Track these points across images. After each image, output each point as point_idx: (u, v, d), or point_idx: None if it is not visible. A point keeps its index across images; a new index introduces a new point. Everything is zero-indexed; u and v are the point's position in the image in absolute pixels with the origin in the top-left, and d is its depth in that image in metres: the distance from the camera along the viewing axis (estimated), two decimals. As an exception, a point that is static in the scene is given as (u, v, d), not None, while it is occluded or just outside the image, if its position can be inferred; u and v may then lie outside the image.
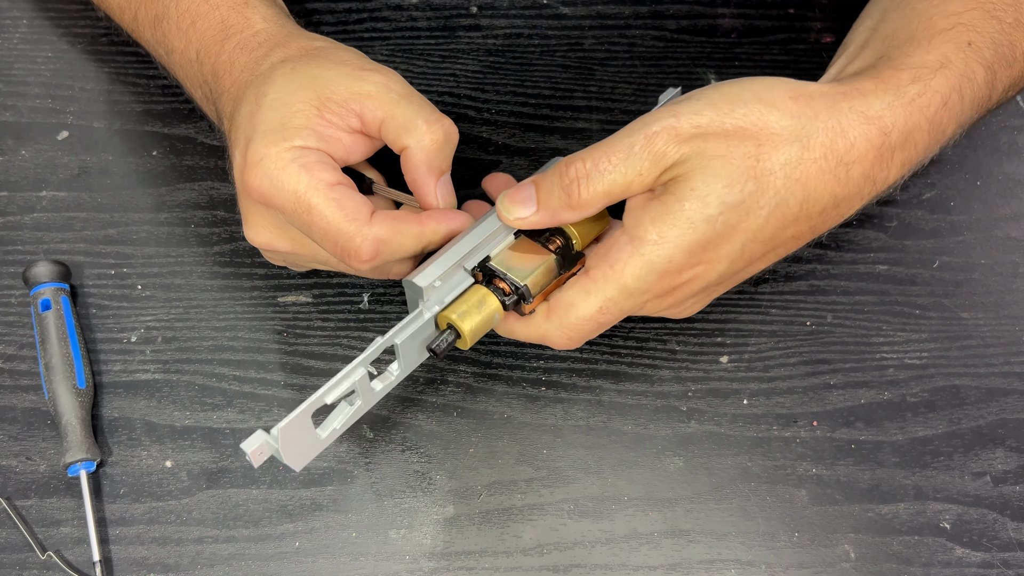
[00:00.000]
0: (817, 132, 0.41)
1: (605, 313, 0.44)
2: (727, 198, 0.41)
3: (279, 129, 0.43)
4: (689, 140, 0.41)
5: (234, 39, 0.49)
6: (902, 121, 0.43)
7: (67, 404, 0.49)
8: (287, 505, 0.49)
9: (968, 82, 0.45)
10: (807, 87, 0.43)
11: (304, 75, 0.45)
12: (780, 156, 0.41)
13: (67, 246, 0.56)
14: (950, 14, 0.46)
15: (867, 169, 0.43)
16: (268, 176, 0.43)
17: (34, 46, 0.62)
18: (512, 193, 0.44)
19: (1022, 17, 0.47)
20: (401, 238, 0.44)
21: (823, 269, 0.56)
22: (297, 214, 0.43)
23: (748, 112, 0.41)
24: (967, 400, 0.52)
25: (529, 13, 0.65)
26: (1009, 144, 0.60)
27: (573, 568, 0.48)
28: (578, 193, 0.42)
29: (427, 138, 0.45)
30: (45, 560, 0.47)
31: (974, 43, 0.45)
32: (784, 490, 0.50)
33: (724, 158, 0.40)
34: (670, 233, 0.41)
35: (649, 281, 0.42)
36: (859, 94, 0.42)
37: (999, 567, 0.48)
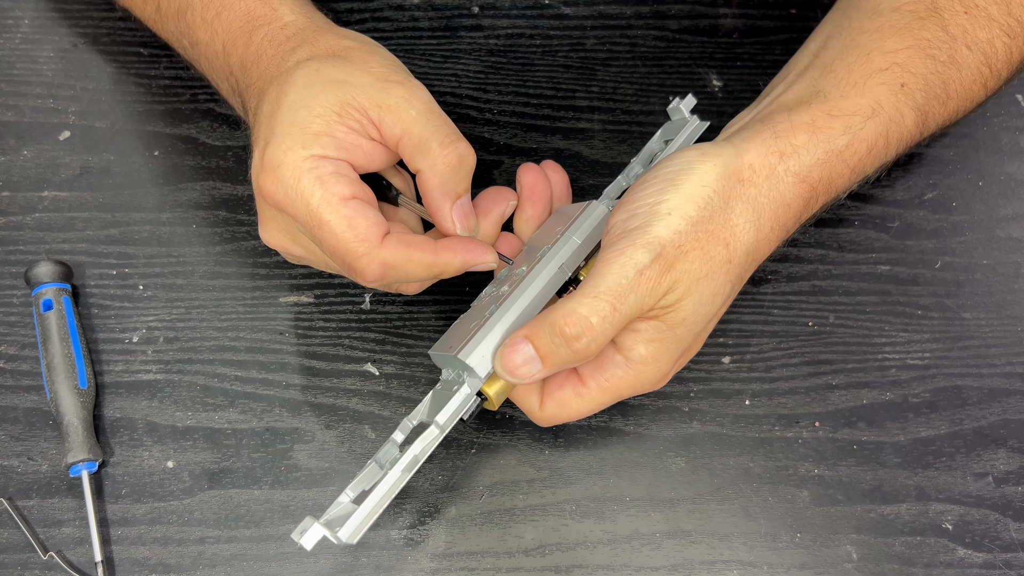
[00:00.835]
0: (764, 209, 0.44)
1: (591, 412, 0.46)
2: (711, 312, 0.44)
3: (297, 134, 0.42)
4: (675, 264, 0.42)
5: (262, 31, 0.48)
6: (827, 173, 0.46)
7: (69, 404, 0.49)
8: (289, 505, 0.49)
9: (896, 125, 0.47)
10: (746, 156, 0.44)
11: (327, 78, 0.44)
12: (743, 248, 0.43)
13: (69, 246, 0.55)
14: (887, 51, 0.48)
15: (797, 219, 0.46)
16: (282, 184, 0.42)
17: (36, 46, 0.62)
18: (509, 355, 0.42)
19: (956, 56, 0.48)
20: (411, 265, 0.43)
21: (825, 269, 0.56)
22: (308, 226, 0.42)
23: (714, 212, 0.43)
24: (969, 401, 0.52)
25: (531, 13, 0.65)
26: (1011, 145, 0.60)
27: (575, 568, 0.48)
28: (588, 349, 0.41)
29: (440, 162, 0.44)
30: (47, 560, 0.47)
31: (907, 85, 0.47)
32: (786, 491, 0.50)
33: (708, 277, 0.42)
34: (663, 355, 0.43)
35: (640, 390, 0.45)
36: (793, 152, 0.45)
37: (1001, 568, 0.48)
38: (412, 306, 0.54)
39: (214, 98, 0.60)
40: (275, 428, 0.51)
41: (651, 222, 0.42)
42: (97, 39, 0.63)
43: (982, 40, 0.48)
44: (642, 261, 0.41)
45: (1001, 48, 0.49)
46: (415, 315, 0.54)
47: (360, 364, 0.53)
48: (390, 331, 0.54)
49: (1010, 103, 0.62)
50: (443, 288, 0.55)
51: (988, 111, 0.61)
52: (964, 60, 0.48)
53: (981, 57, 0.49)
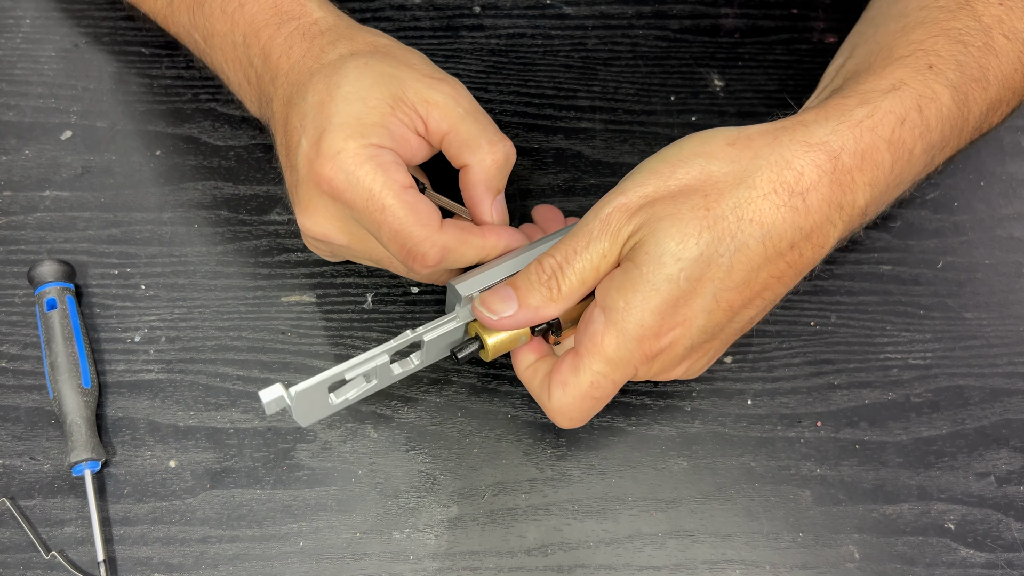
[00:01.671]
0: (760, 169, 0.41)
1: (597, 387, 0.43)
2: (682, 254, 0.41)
3: (355, 124, 0.43)
4: (639, 211, 0.42)
5: (291, 24, 0.49)
6: (851, 143, 0.42)
7: (72, 404, 0.49)
8: (291, 505, 0.49)
9: (929, 101, 0.44)
10: (746, 130, 0.43)
11: (378, 72, 0.45)
12: (728, 201, 0.41)
13: (70, 246, 0.55)
14: (911, 42, 0.46)
15: (826, 194, 0.42)
16: (344, 170, 0.43)
17: (37, 46, 0.62)
18: (490, 295, 0.45)
19: (992, 43, 0.47)
20: (465, 248, 0.45)
21: (827, 269, 0.56)
22: (369, 211, 0.43)
23: (689, 168, 0.42)
24: (971, 400, 0.52)
25: (532, 13, 0.65)
26: (1012, 144, 0.60)
27: (577, 568, 0.48)
28: (558, 287, 0.43)
29: (489, 158, 0.46)
30: (49, 560, 0.47)
31: (935, 66, 0.45)
32: (788, 490, 0.50)
33: (672, 216, 0.41)
34: (635, 298, 0.41)
35: (629, 348, 0.42)
36: (800, 125, 0.43)
37: (1003, 567, 0.48)
38: (414, 306, 0.54)
39: (216, 98, 0.60)
40: (277, 428, 0.51)
41: (622, 181, 0.44)
42: (99, 39, 0.63)
43: (1021, 30, 0.47)
44: (603, 209, 0.43)
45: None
46: (417, 315, 0.54)
47: (362, 364, 0.53)
48: (392, 330, 0.54)
49: (1011, 103, 0.62)
50: (444, 288, 0.55)
51: (989, 111, 0.61)
52: (1002, 47, 0.47)
53: (1021, 47, 0.47)
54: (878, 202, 0.45)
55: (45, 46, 0.62)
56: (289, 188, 0.48)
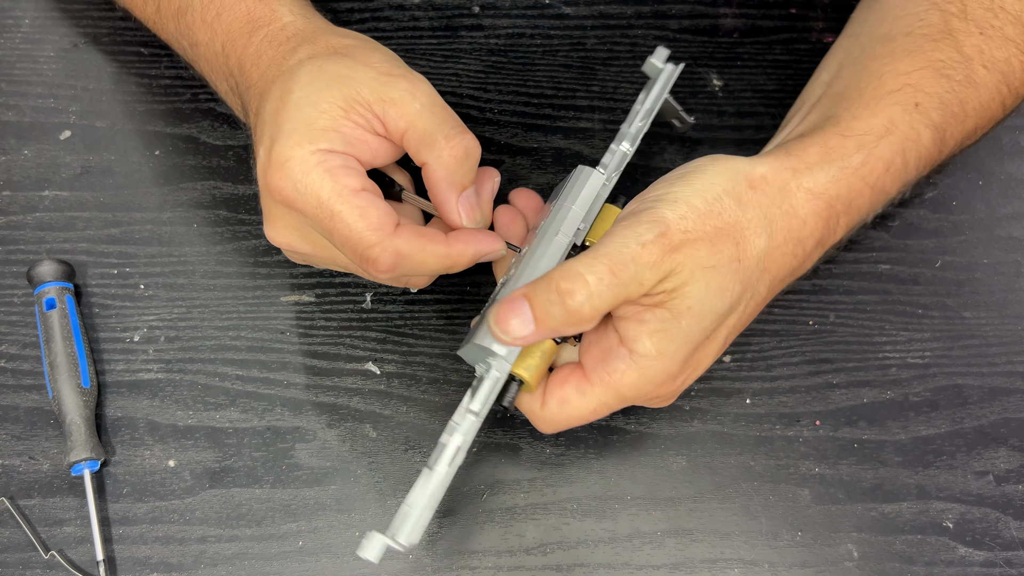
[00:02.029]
0: (776, 219, 0.43)
1: (596, 414, 0.44)
2: (719, 308, 0.42)
3: (304, 130, 0.43)
4: (680, 248, 0.41)
5: (261, 32, 0.48)
6: (845, 191, 0.45)
7: (72, 403, 0.49)
8: (290, 504, 0.49)
9: (913, 144, 0.47)
10: (759, 167, 0.44)
11: (331, 74, 0.44)
12: (754, 251, 0.43)
13: (70, 246, 0.55)
14: (899, 73, 0.48)
15: (818, 239, 0.45)
16: (291, 179, 0.42)
17: (36, 46, 0.62)
18: (506, 311, 0.41)
19: (973, 75, 0.48)
20: (423, 256, 0.43)
21: (825, 268, 0.56)
22: (319, 219, 0.42)
23: (722, 210, 0.42)
24: (970, 399, 0.53)
25: (531, 13, 0.65)
26: (1011, 144, 0.60)
27: (576, 567, 0.48)
28: (584, 311, 0.40)
29: (446, 154, 0.45)
30: (48, 559, 0.47)
31: (921, 104, 0.47)
32: (787, 489, 0.50)
33: (715, 269, 0.41)
34: (668, 348, 0.42)
35: (645, 390, 0.43)
36: (806, 169, 0.45)
37: (1002, 566, 0.48)
38: (413, 305, 0.54)
39: (215, 98, 0.60)
40: (276, 427, 0.51)
41: (658, 206, 0.42)
42: (98, 39, 0.63)
43: (999, 60, 0.48)
44: (645, 235, 0.41)
45: (1019, 67, 0.49)
46: (416, 314, 0.54)
47: (361, 363, 0.53)
48: (391, 330, 0.54)
49: (1010, 102, 0.62)
50: (444, 287, 0.55)
51: (988, 110, 0.61)
52: (981, 80, 0.48)
53: (999, 76, 0.49)
54: (846, 239, 0.49)
55: (44, 46, 0.62)
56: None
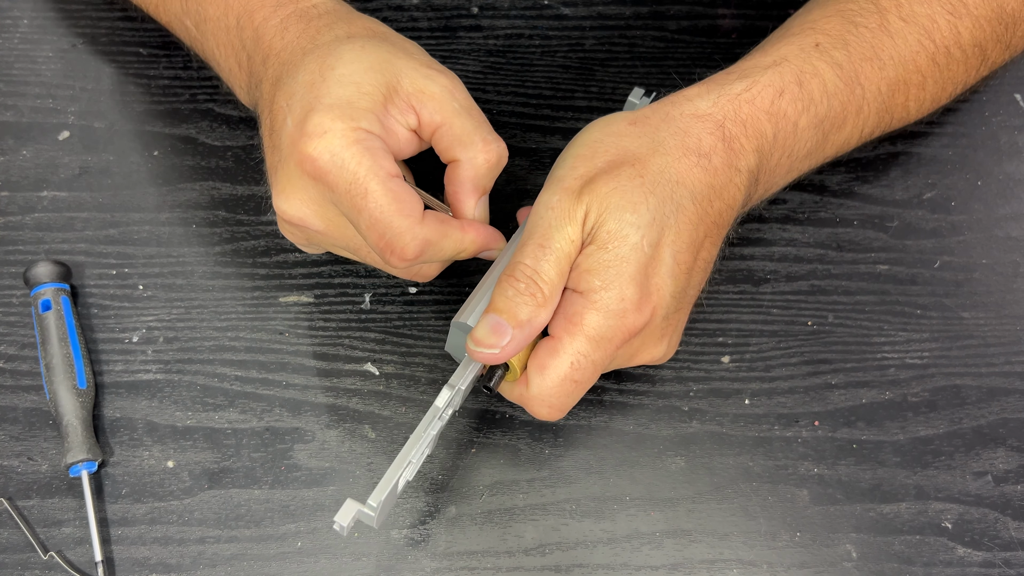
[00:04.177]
0: (665, 139, 0.45)
1: (577, 368, 0.43)
2: (639, 221, 0.43)
3: (345, 106, 0.42)
4: (582, 191, 0.43)
5: (290, 6, 0.48)
6: (732, 112, 0.46)
7: (68, 404, 0.49)
8: (289, 505, 0.49)
9: (811, 76, 0.47)
10: (639, 111, 0.46)
11: (375, 57, 0.44)
12: (653, 167, 0.44)
13: (68, 246, 0.55)
14: (805, 21, 0.49)
15: (724, 157, 0.45)
16: (330, 150, 0.41)
17: (34, 46, 0.62)
18: (478, 332, 0.42)
19: (887, 25, 0.49)
20: (446, 242, 0.44)
21: (824, 269, 0.56)
22: (351, 195, 0.42)
23: (607, 147, 0.45)
24: (968, 400, 0.53)
25: (530, 14, 0.65)
26: (1009, 144, 0.60)
27: (575, 568, 0.48)
28: (540, 290, 0.42)
29: (481, 156, 0.46)
30: (47, 560, 0.47)
31: (821, 44, 0.48)
32: (786, 490, 0.50)
33: (617, 189, 0.43)
34: (608, 274, 0.42)
35: (611, 325, 0.42)
36: (684, 100, 0.46)
37: (1000, 567, 0.48)
38: (412, 306, 0.54)
39: (214, 98, 0.60)
40: (275, 428, 0.51)
41: (552, 171, 0.45)
42: (96, 39, 0.63)
43: (920, 14, 0.49)
44: (550, 199, 0.43)
45: (944, 25, 0.49)
46: (415, 315, 0.54)
47: (360, 364, 0.53)
48: (390, 331, 0.54)
49: (1008, 103, 0.62)
50: (443, 288, 0.55)
51: (986, 111, 0.61)
52: (897, 30, 0.49)
53: (920, 30, 0.49)
54: (770, 172, 0.48)
55: (43, 46, 0.62)
56: (269, 170, 0.46)
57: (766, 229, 0.57)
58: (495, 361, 0.43)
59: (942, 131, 0.61)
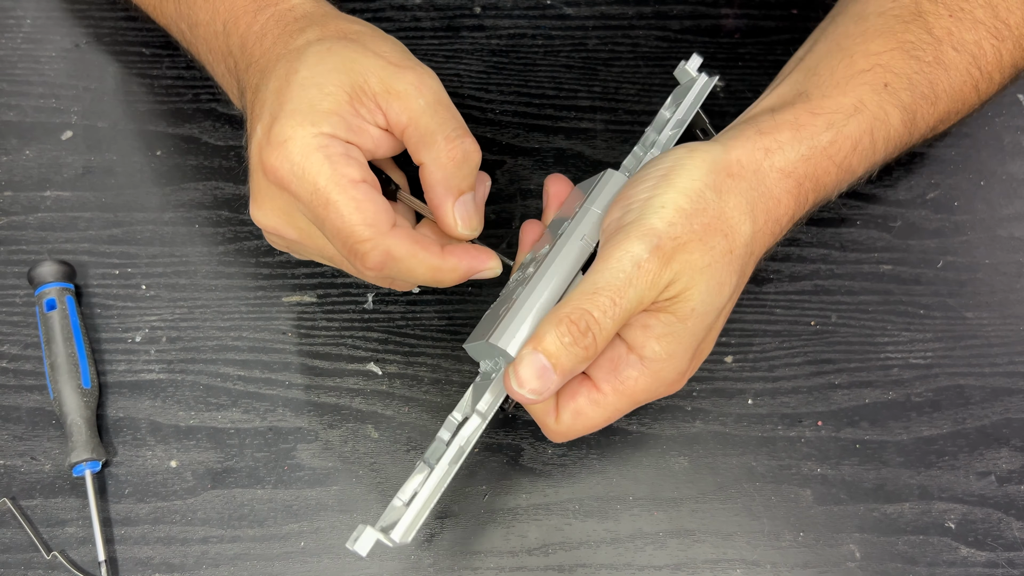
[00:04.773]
0: (756, 202, 0.44)
1: (609, 421, 0.44)
2: (720, 303, 0.43)
3: (307, 111, 0.41)
4: (675, 256, 0.41)
5: (268, 11, 0.47)
6: (813, 170, 0.46)
7: (72, 404, 0.49)
8: (292, 505, 0.49)
9: (881, 124, 0.47)
10: (733, 152, 0.44)
11: (339, 57, 0.43)
12: (742, 239, 0.43)
13: (71, 246, 0.55)
14: (870, 54, 0.48)
15: (791, 216, 0.46)
16: (289, 160, 0.41)
17: (37, 46, 0.62)
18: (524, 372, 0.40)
19: (943, 57, 0.48)
20: (414, 262, 0.43)
21: (827, 269, 0.56)
22: (313, 206, 0.41)
23: (707, 206, 0.42)
24: (972, 400, 0.53)
25: (533, 14, 0.65)
26: (1013, 144, 0.60)
27: (578, 568, 0.48)
28: (595, 345, 0.40)
29: (444, 155, 0.44)
30: (50, 560, 0.47)
31: (891, 85, 0.47)
32: (789, 490, 0.50)
33: (711, 267, 0.42)
34: (677, 349, 0.42)
35: (658, 391, 0.44)
36: (778, 148, 0.45)
37: (1004, 566, 0.48)
38: (415, 306, 0.54)
39: (216, 98, 0.60)
40: (278, 428, 0.51)
41: (645, 216, 0.42)
42: (99, 39, 0.63)
43: (969, 42, 0.49)
44: (640, 254, 0.40)
45: (990, 50, 0.49)
46: (418, 315, 0.54)
47: (363, 364, 0.53)
48: (393, 331, 0.54)
49: (1012, 103, 0.62)
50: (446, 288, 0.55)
51: (989, 111, 0.61)
52: (951, 61, 0.49)
53: (969, 59, 0.49)
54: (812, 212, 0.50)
55: (46, 46, 0.62)
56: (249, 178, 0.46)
57: (769, 229, 0.57)
58: (533, 404, 0.42)
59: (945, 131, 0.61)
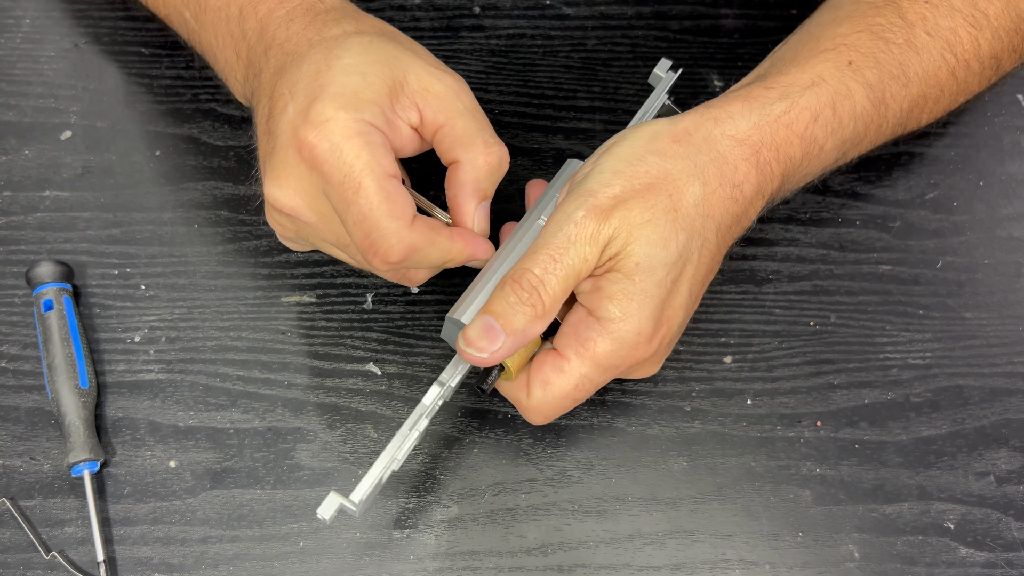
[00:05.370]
0: (706, 166, 0.44)
1: (579, 390, 0.44)
2: (667, 259, 0.43)
3: (351, 96, 0.42)
4: (613, 212, 0.42)
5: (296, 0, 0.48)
6: (769, 138, 0.45)
7: (70, 404, 0.49)
8: (291, 505, 0.49)
9: (844, 99, 0.47)
10: (681, 123, 0.45)
11: (382, 51, 0.44)
12: (689, 198, 0.43)
13: (70, 246, 0.55)
14: (836, 36, 0.48)
15: (755, 184, 0.45)
16: (329, 139, 0.41)
17: (37, 45, 0.62)
18: (472, 334, 0.42)
19: (914, 40, 0.48)
20: (432, 249, 0.43)
21: (826, 269, 0.56)
22: (343, 188, 0.41)
23: (648, 167, 0.43)
24: (971, 400, 0.53)
25: (532, 14, 0.65)
26: (1012, 144, 0.60)
27: (577, 568, 0.48)
28: (541, 302, 0.42)
29: (482, 158, 0.45)
30: (49, 560, 0.47)
31: (855, 62, 0.47)
32: (788, 490, 0.50)
33: (651, 222, 0.42)
34: (630, 307, 0.42)
35: (621, 355, 0.43)
36: (727, 117, 0.45)
37: (1003, 567, 0.48)
38: (414, 306, 0.54)
39: (216, 98, 0.60)
40: (277, 428, 0.51)
41: (585, 181, 0.44)
42: (98, 39, 0.63)
43: (944, 28, 0.49)
44: (576, 212, 0.42)
45: (966, 38, 0.49)
46: (417, 315, 0.54)
47: (362, 364, 0.53)
48: (392, 331, 0.54)
49: (1011, 103, 0.62)
50: (444, 288, 0.55)
51: (989, 111, 0.61)
52: (923, 44, 0.49)
53: (943, 44, 0.49)
54: (785, 191, 0.49)
55: (45, 46, 0.62)
56: (262, 158, 0.46)
57: (768, 229, 0.57)
58: (483, 364, 0.43)
59: (944, 131, 0.61)
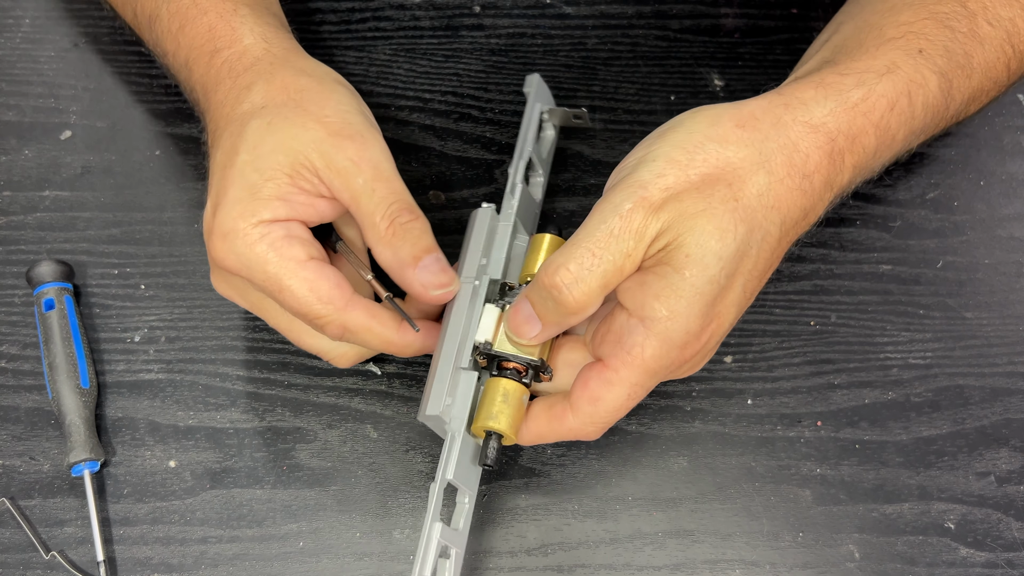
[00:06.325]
0: (773, 153, 0.41)
1: (633, 399, 0.41)
2: (723, 252, 0.39)
3: (248, 200, 0.42)
4: (664, 206, 0.39)
5: (222, 54, 0.47)
6: (846, 126, 0.42)
7: (71, 404, 0.49)
8: (291, 505, 0.49)
9: (918, 88, 0.44)
10: (747, 107, 0.42)
11: (279, 135, 0.43)
12: (752, 188, 0.40)
13: (70, 246, 0.55)
14: (901, 23, 0.45)
15: (825, 176, 0.42)
16: (235, 252, 0.42)
17: (36, 45, 0.62)
18: (514, 315, 0.43)
19: (977, 29, 0.46)
20: (369, 336, 0.44)
21: (827, 269, 0.56)
22: (269, 290, 0.43)
23: (706, 155, 0.40)
24: (971, 400, 0.52)
25: (532, 13, 0.65)
26: (1012, 144, 0.60)
27: (577, 568, 0.48)
28: (573, 299, 0.39)
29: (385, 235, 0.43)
30: (49, 560, 0.47)
31: (925, 50, 0.45)
32: (788, 490, 0.50)
33: (705, 212, 0.39)
34: (679, 305, 0.39)
35: (671, 357, 0.40)
36: (800, 103, 0.42)
37: (1003, 567, 0.48)
38: (414, 306, 0.54)
39: (215, 97, 0.60)
40: (277, 428, 0.51)
41: (636, 170, 0.40)
42: (98, 39, 0.63)
43: (1004, 18, 0.47)
44: (623, 205, 0.39)
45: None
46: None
47: (362, 363, 0.53)
48: (392, 331, 0.53)
49: (1011, 103, 0.62)
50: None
51: (989, 111, 0.61)
52: (986, 34, 0.46)
53: (1004, 35, 0.47)
54: (853, 185, 0.46)
55: (45, 46, 0.62)
56: None
57: (769, 229, 0.57)
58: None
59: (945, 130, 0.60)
